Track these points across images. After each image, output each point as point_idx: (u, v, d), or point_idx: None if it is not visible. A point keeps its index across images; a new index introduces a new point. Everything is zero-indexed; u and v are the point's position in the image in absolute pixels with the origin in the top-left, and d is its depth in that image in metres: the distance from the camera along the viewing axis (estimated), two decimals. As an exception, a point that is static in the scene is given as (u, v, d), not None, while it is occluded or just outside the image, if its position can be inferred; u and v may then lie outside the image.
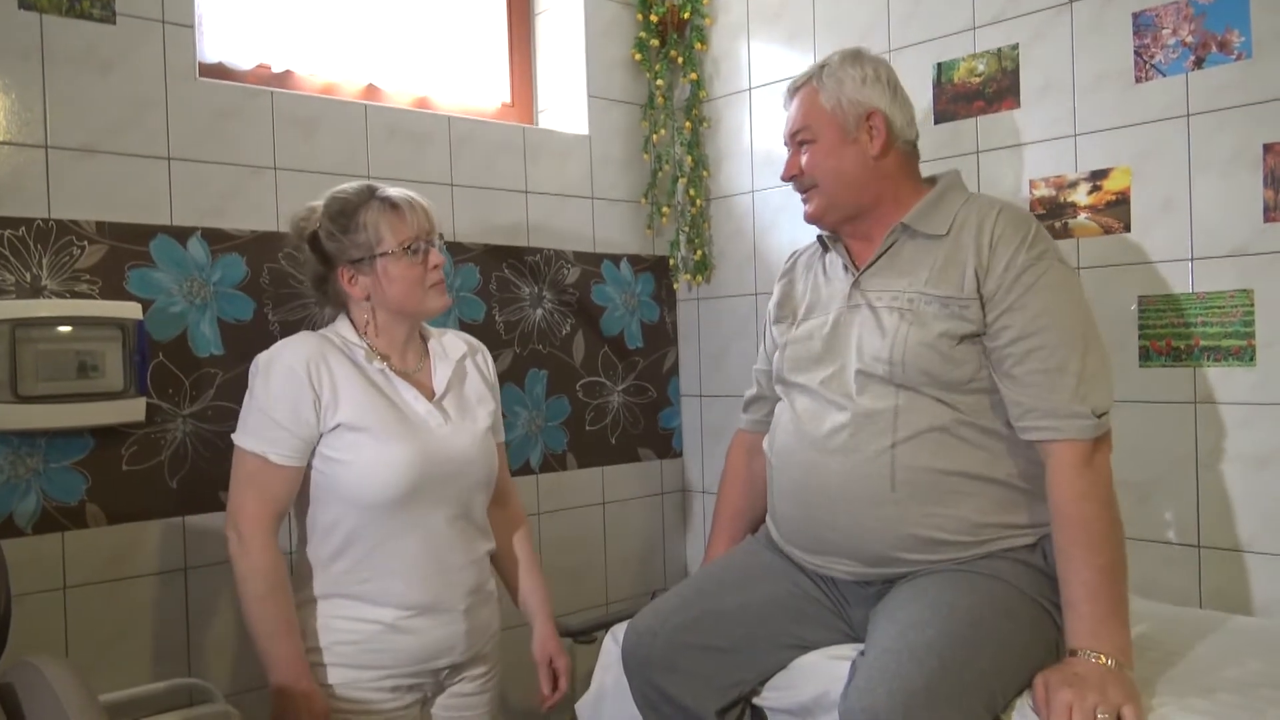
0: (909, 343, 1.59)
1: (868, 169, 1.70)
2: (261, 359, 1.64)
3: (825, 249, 1.83)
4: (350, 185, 1.71)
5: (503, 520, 1.89)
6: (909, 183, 1.74)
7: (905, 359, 1.58)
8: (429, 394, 1.72)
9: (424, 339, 1.80)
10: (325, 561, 1.64)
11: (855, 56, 1.74)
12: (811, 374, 1.71)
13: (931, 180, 1.76)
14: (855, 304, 1.69)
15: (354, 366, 1.66)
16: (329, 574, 1.64)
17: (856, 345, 1.65)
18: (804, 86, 1.76)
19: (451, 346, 1.81)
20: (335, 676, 1.62)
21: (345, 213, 1.67)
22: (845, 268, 1.75)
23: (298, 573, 1.67)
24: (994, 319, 1.57)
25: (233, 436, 1.64)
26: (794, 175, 1.77)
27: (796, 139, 1.76)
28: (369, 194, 1.68)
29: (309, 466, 1.64)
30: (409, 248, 1.66)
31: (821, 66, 1.75)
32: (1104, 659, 1.40)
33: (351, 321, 1.73)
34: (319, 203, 1.72)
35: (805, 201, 1.77)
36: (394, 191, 1.70)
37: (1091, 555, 1.46)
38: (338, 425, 1.61)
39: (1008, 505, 1.59)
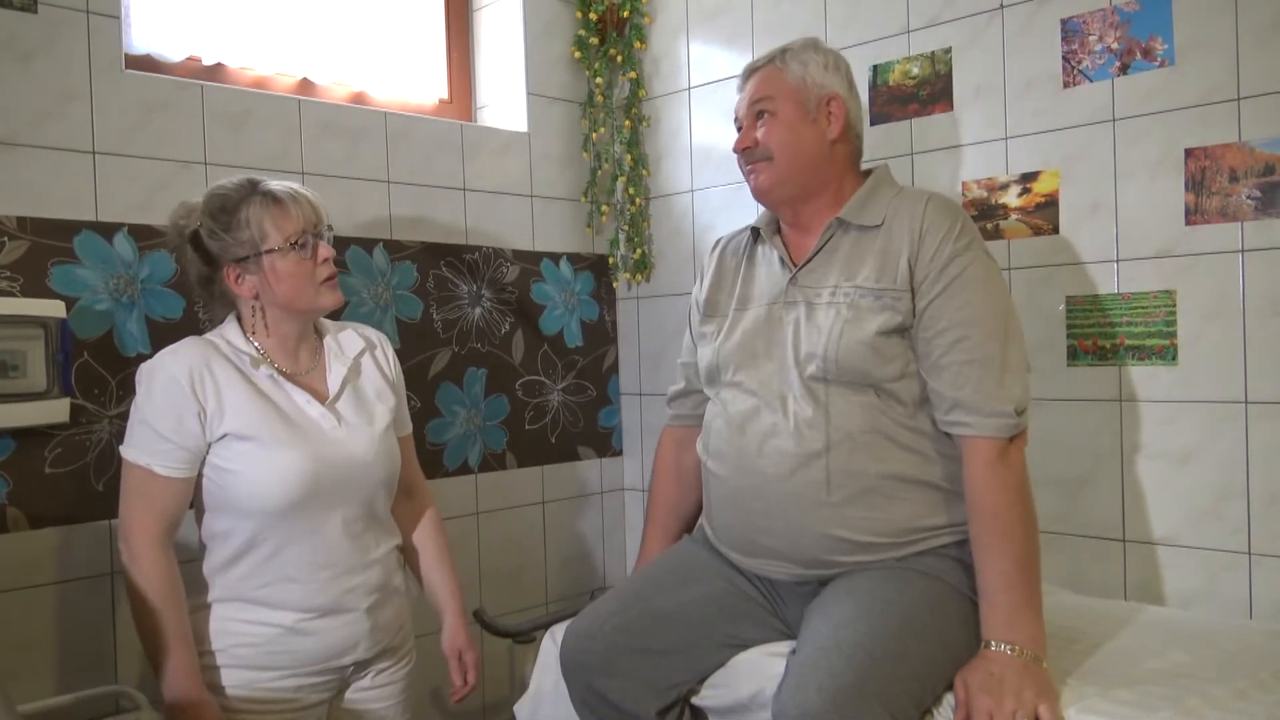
0: (844, 339, 1.59)
1: (822, 151, 1.71)
2: (144, 368, 1.59)
3: (756, 241, 1.83)
4: (230, 180, 1.65)
5: (408, 512, 1.86)
6: (852, 175, 1.75)
7: (839, 356, 1.59)
8: (322, 397, 1.67)
9: (320, 335, 1.75)
10: (221, 568, 1.61)
11: (816, 44, 1.75)
12: (746, 372, 1.70)
13: (865, 174, 1.77)
14: (792, 300, 1.69)
15: (240, 374, 1.61)
16: (225, 580, 1.60)
17: (792, 342, 1.65)
18: (765, 66, 1.75)
19: (348, 343, 1.75)
20: (234, 678, 1.59)
21: (226, 209, 1.61)
22: (782, 261, 1.74)
23: (193, 579, 1.62)
24: (922, 308, 1.59)
25: (120, 448, 1.59)
26: (748, 146, 1.73)
27: (756, 108, 1.73)
28: (250, 189, 1.62)
29: (200, 475, 1.60)
30: (295, 243, 1.61)
31: (784, 50, 1.74)
32: (1018, 649, 1.43)
33: (240, 323, 1.67)
34: (198, 200, 1.65)
35: (753, 175, 1.74)
36: (276, 185, 1.63)
37: (1007, 546, 1.49)
38: (225, 435, 1.57)
39: (938, 507, 1.61)
